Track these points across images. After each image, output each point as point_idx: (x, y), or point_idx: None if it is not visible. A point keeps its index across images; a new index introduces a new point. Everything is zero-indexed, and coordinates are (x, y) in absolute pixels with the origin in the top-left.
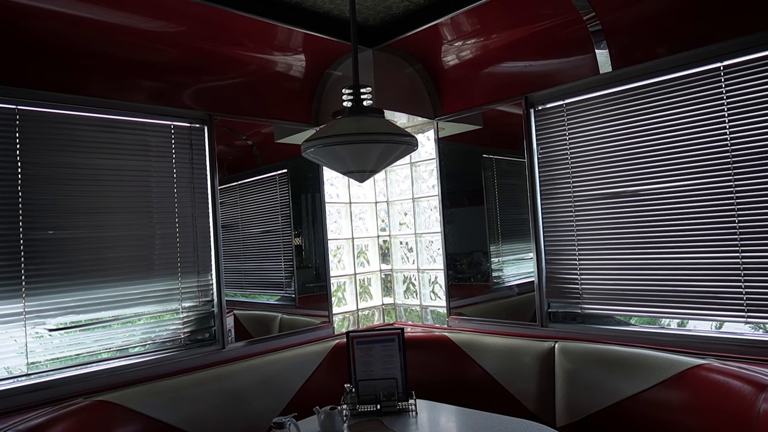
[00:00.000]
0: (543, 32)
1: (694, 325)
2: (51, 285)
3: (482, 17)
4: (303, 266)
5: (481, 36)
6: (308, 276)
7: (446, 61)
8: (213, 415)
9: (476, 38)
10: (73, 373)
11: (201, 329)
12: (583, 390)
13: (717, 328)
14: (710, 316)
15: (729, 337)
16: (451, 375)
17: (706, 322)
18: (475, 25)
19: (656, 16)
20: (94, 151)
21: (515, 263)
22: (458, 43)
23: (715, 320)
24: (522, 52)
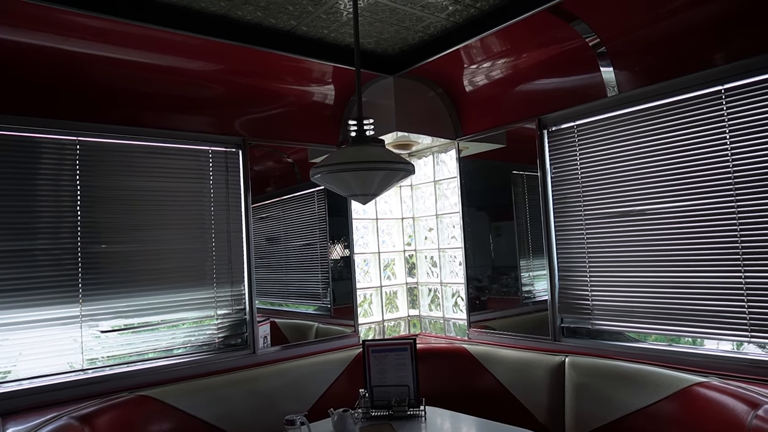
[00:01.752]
0: (554, 57)
1: (701, 343)
2: (103, 292)
3: (495, 43)
4: (337, 278)
5: (495, 60)
6: (342, 288)
7: (464, 85)
8: (243, 413)
9: (491, 62)
10: (121, 370)
11: (234, 335)
12: (591, 403)
13: (719, 347)
14: (714, 335)
15: (731, 357)
16: (467, 385)
17: (712, 341)
18: (489, 51)
19: (658, 41)
20: (141, 175)
21: (543, 278)
22: (473, 67)
23: (718, 339)
24: (535, 76)
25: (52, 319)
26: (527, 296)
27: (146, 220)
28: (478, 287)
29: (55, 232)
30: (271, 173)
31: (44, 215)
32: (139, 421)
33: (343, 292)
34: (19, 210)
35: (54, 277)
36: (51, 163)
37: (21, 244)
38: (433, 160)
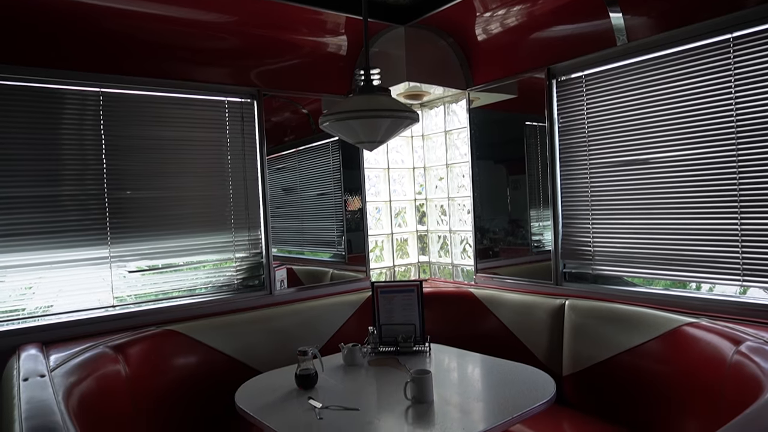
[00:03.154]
0: (566, 3)
1: (697, 287)
2: (130, 235)
3: None
4: (352, 229)
5: (507, 8)
6: (355, 237)
7: (476, 34)
8: (261, 348)
9: (503, 10)
10: (148, 307)
11: (251, 276)
12: (588, 343)
13: (710, 290)
14: (709, 279)
15: (723, 299)
16: (472, 327)
17: (706, 285)
18: None
19: None
20: (162, 125)
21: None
22: (486, 15)
23: (713, 283)
24: (546, 23)
25: (84, 259)
26: (536, 245)
27: (167, 167)
28: (484, 235)
29: (82, 179)
30: (287, 124)
31: (72, 163)
32: (166, 351)
33: (356, 242)
34: (49, 158)
35: (84, 221)
36: (75, 114)
37: (52, 190)
38: (444, 110)
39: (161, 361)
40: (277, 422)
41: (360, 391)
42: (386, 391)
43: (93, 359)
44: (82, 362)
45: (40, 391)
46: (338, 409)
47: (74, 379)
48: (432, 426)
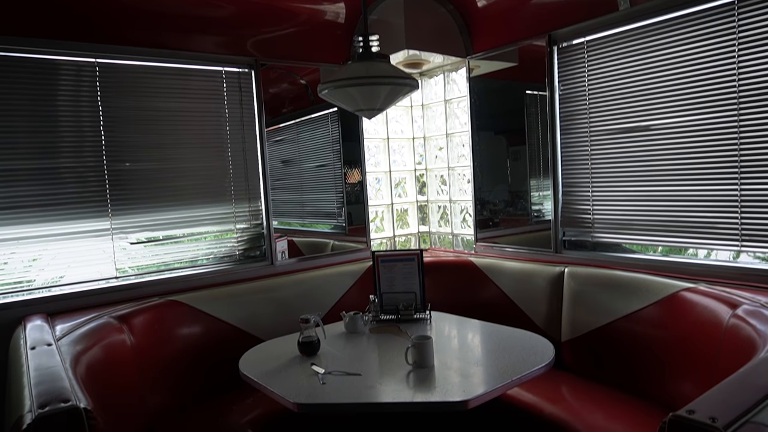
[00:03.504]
0: None
1: (694, 253)
2: (130, 207)
3: None
4: (352, 201)
5: None
6: (355, 210)
7: (476, 0)
8: (264, 318)
9: None
10: (150, 278)
11: (253, 247)
12: (586, 310)
13: (708, 256)
14: (707, 245)
15: (721, 265)
16: (472, 295)
17: (704, 250)
18: None
19: None
20: (160, 96)
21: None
22: None
23: (711, 248)
24: None
25: (86, 231)
26: (536, 215)
27: (166, 139)
28: (484, 206)
29: (80, 151)
30: (285, 95)
31: (69, 135)
32: (170, 321)
33: (357, 214)
34: (46, 130)
35: (84, 193)
36: (71, 85)
37: (51, 163)
38: (444, 79)
39: (165, 330)
40: (280, 387)
41: (362, 357)
42: (387, 356)
43: (98, 329)
44: (88, 332)
45: (48, 359)
46: (341, 374)
47: (81, 348)
48: (433, 389)
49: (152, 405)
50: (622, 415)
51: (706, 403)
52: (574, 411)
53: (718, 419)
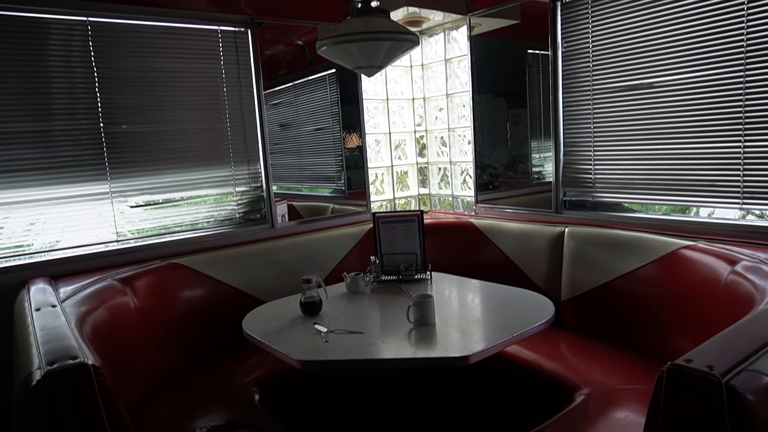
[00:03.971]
0: None
1: (696, 212)
2: (129, 170)
3: None
4: (350, 163)
5: None
6: (355, 174)
7: None
8: (265, 280)
9: None
10: (152, 241)
11: (253, 210)
12: (585, 269)
13: (710, 215)
14: (709, 203)
15: (721, 222)
16: (472, 256)
17: (706, 209)
18: None
19: None
20: (155, 56)
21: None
22: None
23: (712, 207)
24: None
25: (85, 195)
26: (536, 177)
27: (163, 101)
28: (484, 170)
29: (75, 113)
30: (283, 57)
31: (64, 96)
32: (172, 284)
33: (356, 178)
34: (40, 92)
35: (81, 156)
36: (63, 45)
37: (48, 125)
38: (444, 37)
39: (168, 293)
40: (284, 346)
41: (364, 317)
42: (389, 315)
43: (101, 291)
44: (91, 294)
45: (54, 319)
46: (343, 332)
47: (85, 309)
48: (434, 346)
49: (158, 366)
50: (620, 370)
51: (704, 353)
52: (572, 367)
53: (715, 367)
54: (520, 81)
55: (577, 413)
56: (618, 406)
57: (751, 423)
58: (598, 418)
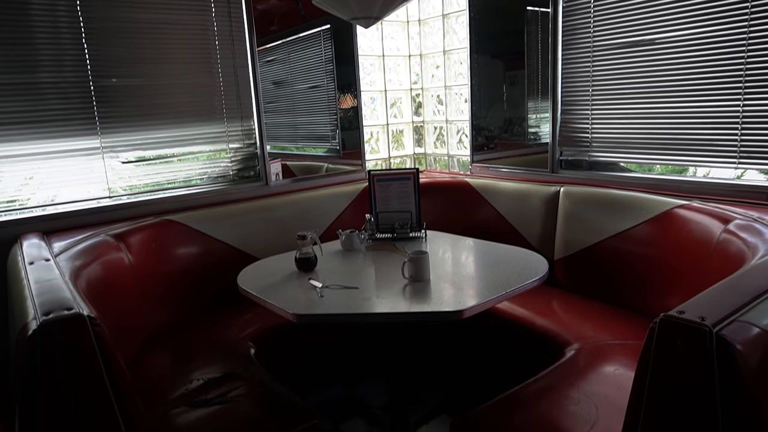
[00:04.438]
0: None
1: (693, 172)
2: (119, 125)
3: None
4: (344, 124)
5: None
6: (349, 133)
7: None
8: (260, 238)
9: None
10: (145, 198)
11: (247, 167)
12: (579, 228)
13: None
14: (705, 163)
15: (716, 182)
16: (467, 216)
17: (702, 168)
18: None
19: None
20: (143, 7)
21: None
22: None
23: (708, 166)
24: None
25: (75, 150)
26: (533, 138)
27: (153, 54)
28: (480, 132)
29: (60, 65)
30: (275, 12)
31: (48, 47)
32: (166, 241)
33: (351, 139)
34: (23, 42)
35: (70, 110)
36: None
37: (33, 77)
38: None
39: (162, 249)
40: (279, 300)
41: (359, 273)
42: (384, 272)
43: (95, 246)
44: (85, 249)
45: (47, 272)
46: (338, 287)
47: (79, 264)
48: (429, 301)
49: (153, 321)
50: (611, 326)
51: (696, 305)
52: (563, 323)
53: (707, 318)
54: (518, 41)
55: (566, 367)
56: (607, 360)
57: (740, 373)
58: (588, 371)
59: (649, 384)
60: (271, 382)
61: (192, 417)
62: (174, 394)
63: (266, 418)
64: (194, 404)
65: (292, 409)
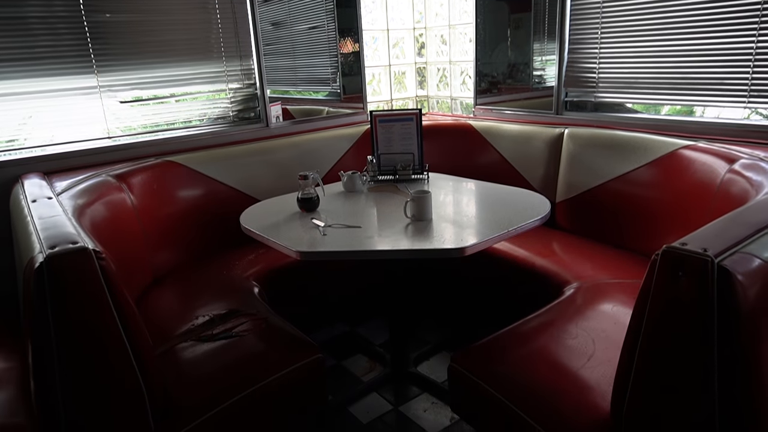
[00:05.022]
0: None
1: (702, 111)
2: (116, 62)
3: None
4: (345, 69)
5: None
6: (350, 77)
7: None
8: (262, 180)
9: None
10: (145, 138)
11: (247, 108)
12: (582, 171)
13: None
14: (714, 102)
15: (724, 122)
16: (470, 159)
17: (711, 109)
18: None
19: None
20: None
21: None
22: None
23: (718, 106)
24: None
25: (72, 89)
26: (538, 81)
27: None
28: (483, 78)
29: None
30: None
31: None
32: (168, 182)
33: (353, 84)
34: None
35: (62, 47)
36: None
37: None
38: None
39: (164, 190)
40: (282, 239)
41: (361, 213)
42: (386, 211)
43: (97, 186)
44: (87, 188)
45: (51, 209)
46: (341, 227)
47: (82, 202)
48: (430, 239)
49: (157, 262)
50: (610, 266)
51: (699, 237)
52: (563, 263)
53: (709, 249)
54: None
55: (565, 304)
56: (606, 298)
57: (740, 303)
58: (586, 308)
59: (648, 313)
60: (275, 318)
61: (198, 351)
62: (180, 330)
63: (271, 352)
64: (200, 339)
65: (296, 344)
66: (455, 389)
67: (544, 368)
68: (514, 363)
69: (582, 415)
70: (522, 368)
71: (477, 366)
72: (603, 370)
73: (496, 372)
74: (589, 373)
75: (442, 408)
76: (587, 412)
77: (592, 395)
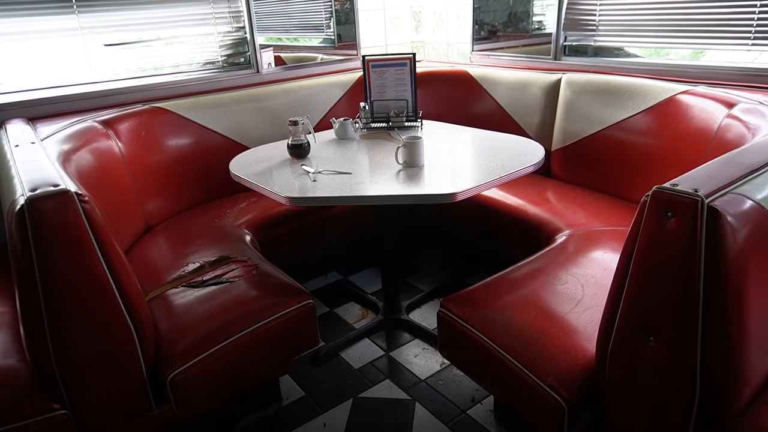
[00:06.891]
0: None
1: (706, 55)
2: (98, 2)
3: None
4: (342, 11)
5: None
6: (344, 26)
7: None
8: (252, 127)
9: None
10: (132, 84)
11: (236, 54)
12: (578, 119)
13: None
14: (716, 45)
15: (725, 66)
16: (466, 107)
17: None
18: None
19: None
20: None
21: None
22: None
23: (720, 49)
24: None
25: (51, 30)
26: (536, 27)
27: None
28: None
29: None
30: None
31: None
32: (157, 129)
33: (347, 33)
34: None
35: None
36: None
37: None
38: None
39: (153, 137)
40: (272, 185)
41: (352, 159)
42: (378, 158)
43: (83, 132)
44: (73, 134)
45: (34, 153)
46: (331, 173)
47: (67, 148)
48: (422, 184)
49: (146, 210)
50: (603, 214)
51: (691, 178)
52: (556, 211)
53: (700, 189)
54: None
55: (556, 252)
56: (597, 245)
57: (728, 243)
58: (577, 255)
59: (635, 253)
60: (266, 265)
61: (190, 297)
62: (170, 276)
63: (262, 298)
64: (191, 285)
65: (288, 289)
66: (444, 334)
67: (532, 313)
68: (503, 308)
69: (567, 358)
70: (510, 313)
71: (465, 311)
72: (591, 315)
73: (484, 316)
74: (576, 317)
75: (433, 353)
76: (573, 354)
77: (578, 338)
